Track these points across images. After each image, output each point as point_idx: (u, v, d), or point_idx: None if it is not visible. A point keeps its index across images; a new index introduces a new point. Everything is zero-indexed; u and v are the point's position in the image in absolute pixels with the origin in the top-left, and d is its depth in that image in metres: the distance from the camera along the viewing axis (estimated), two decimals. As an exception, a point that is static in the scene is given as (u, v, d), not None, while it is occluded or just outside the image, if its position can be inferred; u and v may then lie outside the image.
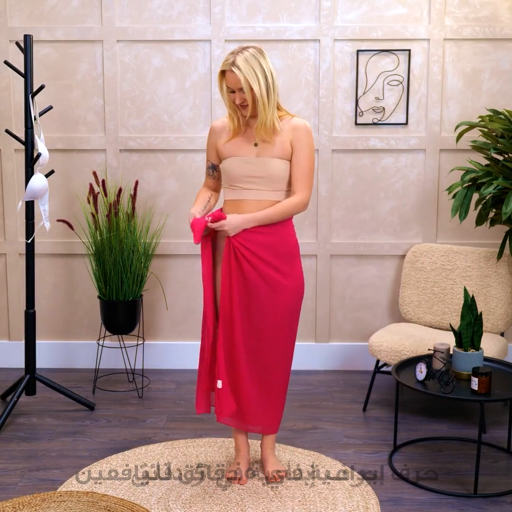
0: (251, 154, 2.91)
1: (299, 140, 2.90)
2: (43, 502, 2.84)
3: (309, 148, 2.91)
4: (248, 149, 2.92)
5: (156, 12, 4.18)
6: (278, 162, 2.88)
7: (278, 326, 2.99)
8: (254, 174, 2.89)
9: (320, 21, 4.14)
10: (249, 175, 2.89)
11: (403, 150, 4.26)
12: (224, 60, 2.83)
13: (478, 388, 3.02)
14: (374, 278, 4.38)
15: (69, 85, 4.24)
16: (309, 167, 2.92)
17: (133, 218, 4.02)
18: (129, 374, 4.32)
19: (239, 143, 2.94)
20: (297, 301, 3.04)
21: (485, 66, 4.19)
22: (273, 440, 3.17)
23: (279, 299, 2.97)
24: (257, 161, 2.89)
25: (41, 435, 3.56)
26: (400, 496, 3.00)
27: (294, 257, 3.01)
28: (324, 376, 4.34)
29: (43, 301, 4.43)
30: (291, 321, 3.02)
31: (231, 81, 2.82)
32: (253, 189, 2.90)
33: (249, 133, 2.94)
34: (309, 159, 2.92)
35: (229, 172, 2.94)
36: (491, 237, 4.29)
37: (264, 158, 2.89)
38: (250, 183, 2.90)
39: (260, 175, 2.88)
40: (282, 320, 2.99)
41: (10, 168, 4.30)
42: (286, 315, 2.99)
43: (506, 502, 2.97)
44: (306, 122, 2.95)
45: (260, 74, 2.80)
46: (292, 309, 3.01)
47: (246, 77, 2.78)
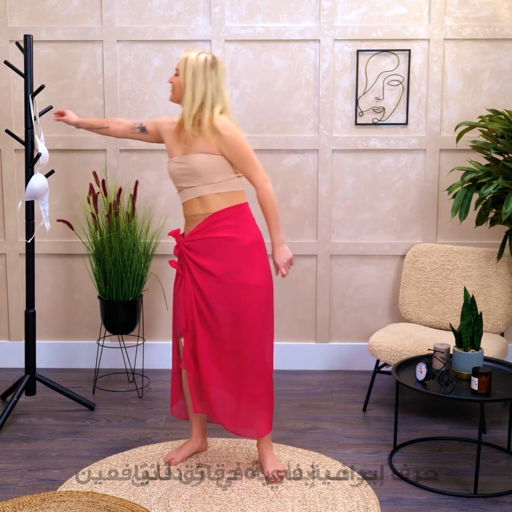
0: (180, 153, 3.04)
1: (224, 138, 2.95)
2: (43, 502, 2.84)
3: (235, 140, 2.97)
4: (179, 148, 3.05)
5: (156, 12, 4.18)
6: (200, 156, 2.97)
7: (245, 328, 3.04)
8: (184, 172, 3.00)
9: (320, 21, 4.14)
10: (181, 173, 3.01)
11: (403, 150, 4.26)
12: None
13: (478, 388, 3.02)
14: (374, 278, 4.38)
15: (69, 85, 4.24)
16: (246, 155, 2.99)
17: (133, 218, 4.02)
18: (129, 374, 4.32)
19: (174, 144, 3.08)
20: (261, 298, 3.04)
21: (485, 66, 4.19)
22: (269, 439, 3.17)
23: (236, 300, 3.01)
24: (184, 159, 3.00)
25: (41, 435, 3.56)
26: (400, 496, 3.00)
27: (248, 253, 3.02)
28: (324, 376, 4.34)
29: (43, 301, 4.43)
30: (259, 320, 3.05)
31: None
32: (191, 186, 3.01)
33: (183, 134, 3.04)
34: (242, 149, 2.98)
35: (170, 175, 3.08)
36: (491, 237, 4.29)
37: (189, 155, 2.99)
38: (185, 181, 3.02)
39: (188, 172, 2.99)
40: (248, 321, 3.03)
41: (10, 168, 4.30)
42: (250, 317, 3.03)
43: (506, 502, 2.97)
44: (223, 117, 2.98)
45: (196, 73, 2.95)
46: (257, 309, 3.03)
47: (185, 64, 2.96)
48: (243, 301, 2.99)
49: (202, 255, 3.01)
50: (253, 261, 3.01)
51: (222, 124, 2.94)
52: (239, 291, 2.99)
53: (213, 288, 3.00)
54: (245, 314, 3.00)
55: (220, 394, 3.07)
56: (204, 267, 3.00)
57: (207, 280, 3.00)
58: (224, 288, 2.99)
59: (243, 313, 3.00)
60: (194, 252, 3.03)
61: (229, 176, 3.01)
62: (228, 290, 2.99)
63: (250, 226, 3.04)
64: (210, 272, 3.00)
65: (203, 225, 3.00)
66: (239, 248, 2.99)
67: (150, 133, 3.20)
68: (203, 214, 3.01)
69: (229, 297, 2.99)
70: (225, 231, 2.99)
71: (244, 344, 3.02)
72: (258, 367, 3.05)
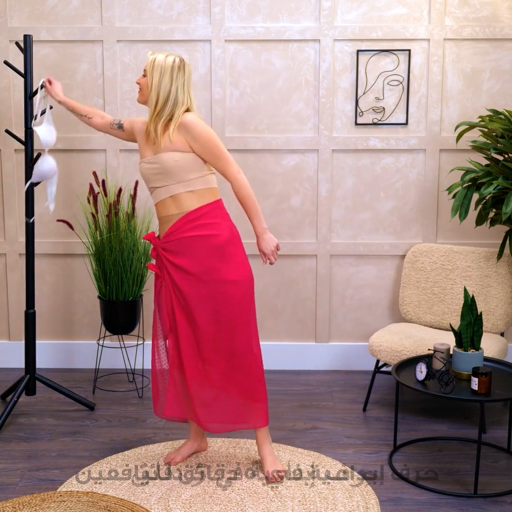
0: (150, 153, 3.05)
1: (193, 134, 2.96)
2: (43, 502, 2.84)
3: (205, 135, 2.97)
4: (149, 149, 3.06)
5: (156, 12, 4.18)
6: (170, 155, 2.97)
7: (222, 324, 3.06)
8: (156, 171, 3.01)
9: (320, 21, 4.14)
10: (153, 173, 3.02)
11: (403, 150, 4.26)
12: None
13: (478, 388, 3.02)
14: (374, 278, 4.38)
15: (69, 85, 4.24)
16: (217, 150, 2.99)
17: (133, 218, 4.02)
18: (129, 374, 4.32)
19: (144, 145, 3.09)
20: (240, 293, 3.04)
21: (485, 66, 4.19)
22: (267, 434, 3.17)
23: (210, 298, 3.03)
24: (155, 158, 3.01)
25: (41, 435, 3.56)
26: (400, 496, 3.00)
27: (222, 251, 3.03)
28: (324, 376, 4.34)
29: (43, 301, 4.43)
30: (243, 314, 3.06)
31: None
32: (163, 186, 3.01)
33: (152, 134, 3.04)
34: (211, 144, 2.98)
35: (142, 176, 3.09)
36: (491, 237, 4.29)
37: (159, 154, 3.00)
38: (157, 180, 3.02)
39: (160, 171, 3.00)
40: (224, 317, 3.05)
41: (10, 168, 4.30)
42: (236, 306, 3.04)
43: (506, 502, 2.97)
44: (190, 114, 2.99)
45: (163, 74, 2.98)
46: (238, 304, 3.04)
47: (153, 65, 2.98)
48: (223, 298, 3.01)
49: (179, 255, 3.02)
50: (231, 257, 3.02)
51: (190, 121, 2.96)
52: (219, 288, 3.00)
53: (193, 287, 3.01)
54: (227, 310, 3.02)
55: (206, 394, 3.07)
56: (182, 267, 3.01)
57: (185, 280, 3.02)
58: (203, 286, 3.00)
59: (224, 309, 3.02)
60: (171, 253, 3.04)
61: (202, 173, 3.02)
62: (208, 288, 3.00)
63: (225, 223, 3.05)
64: (188, 271, 3.01)
65: (178, 225, 3.01)
66: (216, 245, 3.00)
67: (125, 131, 3.23)
68: (177, 213, 3.02)
69: (209, 294, 3.01)
70: (200, 229, 3.00)
71: (230, 340, 3.04)
72: (247, 360, 3.07)
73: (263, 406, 3.13)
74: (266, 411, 3.14)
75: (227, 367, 3.07)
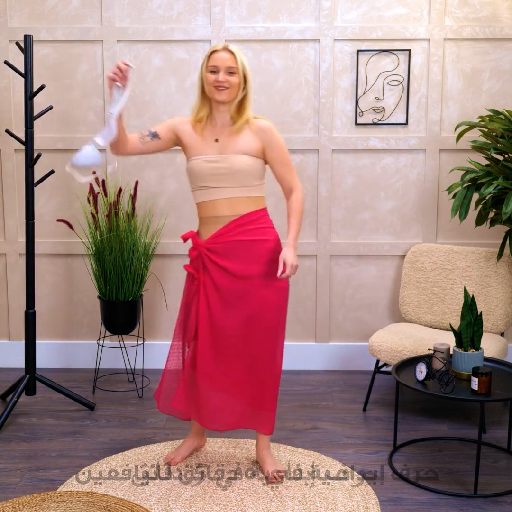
0: (213, 152, 2.94)
1: (271, 141, 2.96)
2: (43, 502, 2.84)
3: (281, 144, 2.99)
4: (210, 146, 2.95)
5: (156, 12, 4.18)
6: (243, 158, 2.92)
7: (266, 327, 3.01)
8: (219, 172, 2.92)
9: (320, 21, 4.14)
10: (215, 173, 2.92)
11: (403, 150, 4.26)
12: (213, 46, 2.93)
13: (478, 388, 3.02)
14: (374, 278, 4.38)
15: (69, 85, 4.24)
16: (289, 161, 3.01)
17: (133, 218, 4.02)
18: (129, 374, 4.32)
19: (200, 142, 2.96)
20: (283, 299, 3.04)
21: (485, 66, 4.19)
22: (268, 441, 3.17)
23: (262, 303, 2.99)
24: (221, 158, 2.92)
25: (41, 435, 3.56)
26: (400, 496, 3.00)
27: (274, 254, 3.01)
28: (324, 376, 4.34)
29: (43, 301, 4.43)
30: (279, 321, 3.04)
31: (220, 60, 2.88)
32: (221, 187, 2.93)
33: (210, 130, 2.97)
34: (286, 154, 3.00)
35: (195, 173, 2.95)
36: (491, 237, 4.29)
37: (228, 155, 2.91)
38: (217, 180, 2.93)
39: (225, 171, 2.91)
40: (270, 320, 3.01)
41: (10, 168, 4.30)
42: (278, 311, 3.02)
43: (506, 502, 2.97)
44: (264, 119, 3.00)
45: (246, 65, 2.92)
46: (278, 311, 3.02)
47: (241, 59, 2.89)
48: (266, 303, 2.97)
49: (226, 258, 2.95)
50: (277, 263, 2.99)
51: (270, 127, 2.95)
52: (264, 293, 2.96)
53: (236, 291, 2.95)
54: (266, 316, 2.98)
55: (214, 397, 3.03)
56: (228, 269, 2.94)
57: (229, 283, 2.95)
58: (247, 290, 2.95)
59: (263, 314, 2.97)
60: (216, 254, 2.95)
61: (262, 181, 3.00)
62: (253, 292, 2.95)
63: (272, 230, 3.03)
64: (235, 274, 2.94)
65: (230, 227, 2.94)
66: (267, 250, 2.97)
67: (162, 138, 2.99)
68: (229, 216, 2.95)
69: (252, 299, 2.95)
70: (253, 233, 2.95)
71: (257, 346, 2.99)
72: (267, 368, 3.03)
73: (272, 415, 3.10)
74: (273, 420, 3.11)
75: (245, 373, 3.02)
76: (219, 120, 2.97)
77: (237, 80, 2.89)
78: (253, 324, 2.98)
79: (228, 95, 2.89)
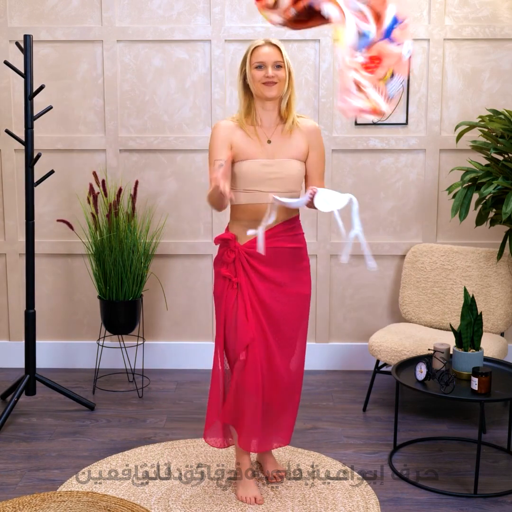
0: (266, 155, 2.84)
1: (318, 144, 2.93)
2: (43, 502, 2.84)
3: (323, 146, 2.98)
4: (262, 149, 2.84)
5: (156, 12, 4.18)
6: (295, 163, 2.86)
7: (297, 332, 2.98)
8: (271, 176, 2.82)
9: (320, 21, 4.13)
10: (267, 177, 2.82)
11: (403, 150, 4.26)
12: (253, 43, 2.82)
13: (478, 388, 3.02)
14: (374, 278, 4.38)
15: (69, 85, 4.24)
16: (324, 167, 2.99)
17: (133, 218, 4.02)
18: (129, 374, 4.32)
19: (252, 144, 2.84)
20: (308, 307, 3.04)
21: (485, 66, 4.18)
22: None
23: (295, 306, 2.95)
24: (275, 162, 2.83)
25: (41, 435, 3.56)
26: (400, 496, 3.00)
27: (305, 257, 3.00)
28: (324, 376, 4.34)
29: (43, 301, 4.42)
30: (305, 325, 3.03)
31: (266, 55, 2.77)
32: (270, 192, 2.78)
33: (260, 132, 2.86)
34: (324, 160, 2.98)
35: (246, 176, 2.82)
36: (491, 237, 4.29)
37: (282, 160, 2.84)
38: (268, 185, 2.82)
39: (278, 176, 2.83)
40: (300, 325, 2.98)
41: (10, 168, 4.30)
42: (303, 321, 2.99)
43: (506, 502, 2.97)
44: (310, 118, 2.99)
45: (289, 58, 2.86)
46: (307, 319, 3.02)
47: (285, 52, 2.81)
48: (303, 312, 2.95)
49: (267, 264, 2.85)
50: (308, 270, 2.99)
51: (318, 127, 2.92)
52: (301, 301, 2.93)
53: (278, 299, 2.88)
54: (303, 325, 2.97)
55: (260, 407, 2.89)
56: (269, 277, 2.86)
57: (271, 290, 2.87)
58: (289, 298, 2.90)
59: (301, 323, 2.96)
60: (257, 260, 2.84)
61: (302, 187, 2.95)
62: (294, 300, 2.90)
63: (304, 237, 3.01)
64: (276, 281, 2.87)
65: (274, 232, 2.85)
66: (303, 257, 2.96)
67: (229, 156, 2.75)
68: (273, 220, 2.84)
69: (293, 306, 2.90)
70: (293, 241, 2.91)
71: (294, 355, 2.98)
72: (297, 378, 3.02)
73: (293, 425, 3.05)
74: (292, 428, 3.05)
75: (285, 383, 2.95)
76: (265, 120, 2.86)
77: (284, 74, 2.79)
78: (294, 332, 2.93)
79: (278, 90, 2.79)
